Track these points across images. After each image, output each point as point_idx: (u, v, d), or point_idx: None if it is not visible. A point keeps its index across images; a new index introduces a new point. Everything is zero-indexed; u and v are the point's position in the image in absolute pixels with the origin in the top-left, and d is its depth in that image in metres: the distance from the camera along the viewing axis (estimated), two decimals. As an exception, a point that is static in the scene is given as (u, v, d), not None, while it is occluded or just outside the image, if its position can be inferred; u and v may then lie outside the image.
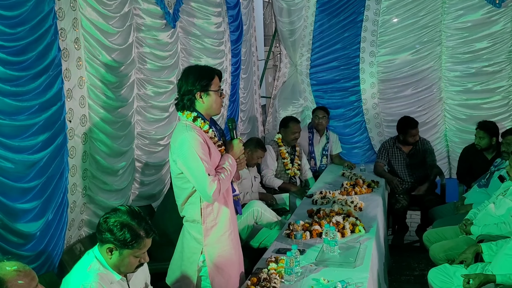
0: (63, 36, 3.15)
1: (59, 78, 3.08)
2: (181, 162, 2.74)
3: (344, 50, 6.67)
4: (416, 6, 6.27)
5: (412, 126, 5.57)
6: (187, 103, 2.82)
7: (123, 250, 2.28)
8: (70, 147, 3.26)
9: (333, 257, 3.22)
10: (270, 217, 4.25)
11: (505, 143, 4.58)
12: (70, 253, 3.25)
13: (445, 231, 4.29)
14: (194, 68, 2.92)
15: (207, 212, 2.85)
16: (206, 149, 2.74)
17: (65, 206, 3.22)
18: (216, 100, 2.86)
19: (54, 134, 3.04)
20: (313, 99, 6.92)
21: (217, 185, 2.69)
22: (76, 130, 3.33)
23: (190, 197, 2.84)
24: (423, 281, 3.77)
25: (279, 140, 5.58)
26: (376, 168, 5.76)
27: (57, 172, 3.09)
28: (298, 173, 5.60)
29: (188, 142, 2.71)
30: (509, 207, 3.77)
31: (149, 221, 2.37)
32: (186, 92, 2.81)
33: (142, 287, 2.53)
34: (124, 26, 3.76)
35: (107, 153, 3.65)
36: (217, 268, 2.89)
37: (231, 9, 5.74)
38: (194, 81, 2.79)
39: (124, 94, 3.84)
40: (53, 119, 3.03)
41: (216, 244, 2.89)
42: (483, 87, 6.20)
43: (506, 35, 5.98)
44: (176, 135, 2.82)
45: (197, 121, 2.81)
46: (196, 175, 2.70)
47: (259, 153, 4.95)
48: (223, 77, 5.48)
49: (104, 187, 3.66)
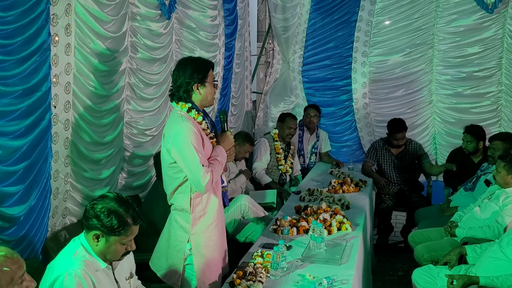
0: (54, 22, 3.11)
1: (47, 63, 3.04)
2: (175, 152, 2.76)
3: (337, 49, 6.70)
4: (410, 9, 6.31)
5: (398, 130, 5.58)
6: (184, 94, 2.85)
7: (109, 237, 2.26)
8: (54, 133, 3.23)
9: (319, 254, 3.23)
10: (257, 212, 4.24)
11: (492, 148, 4.62)
12: (55, 240, 3.22)
13: (430, 232, 4.32)
14: (191, 60, 2.95)
15: (196, 202, 2.88)
16: (200, 140, 2.78)
17: (48, 192, 3.19)
18: (211, 91, 2.92)
19: (38, 119, 3.00)
20: (305, 97, 6.94)
21: (210, 176, 2.73)
22: (60, 116, 3.29)
23: (180, 186, 2.87)
24: (406, 281, 3.80)
25: (275, 135, 5.58)
26: (364, 167, 5.78)
27: (41, 158, 3.05)
28: (290, 171, 5.61)
29: (183, 132, 2.73)
30: (494, 211, 3.81)
31: (137, 209, 2.36)
32: (184, 83, 2.84)
33: (127, 276, 2.51)
34: (119, 15, 3.72)
35: (89, 141, 3.61)
36: (203, 257, 2.93)
37: (227, 3, 5.72)
38: (192, 73, 2.82)
39: (113, 83, 3.80)
40: (37, 104, 2.99)
41: (203, 233, 2.92)
42: (473, 92, 6.25)
43: (497, 42, 6.02)
44: (171, 125, 2.83)
45: (192, 112, 2.84)
46: (190, 165, 2.73)
47: (247, 147, 4.96)
48: (216, 71, 5.47)
49: (86, 175, 3.62)
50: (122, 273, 2.46)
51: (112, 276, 2.38)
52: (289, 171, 5.59)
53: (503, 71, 6.07)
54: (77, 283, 2.14)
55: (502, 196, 3.82)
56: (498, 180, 3.89)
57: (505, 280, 3.02)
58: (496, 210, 3.80)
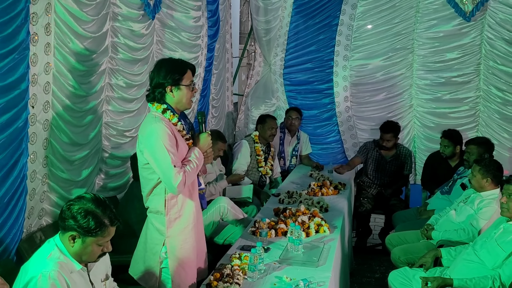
0: (34, 21, 3.07)
1: (25, 62, 3.00)
2: (147, 153, 2.75)
3: (318, 53, 6.75)
4: (390, 14, 6.39)
5: (386, 130, 5.66)
6: (158, 95, 2.83)
7: (86, 237, 2.25)
8: (31, 133, 3.18)
9: (297, 256, 3.24)
10: (236, 214, 4.25)
11: (467, 152, 4.69)
12: (30, 242, 3.18)
13: (407, 235, 4.37)
14: (167, 61, 2.92)
15: (171, 204, 2.86)
16: (173, 141, 2.76)
17: (24, 192, 3.14)
18: (186, 94, 2.87)
19: (13, 118, 2.94)
20: (286, 99, 6.98)
21: (182, 177, 2.71)
22: (39, 116, 3.25)
23: (155, 188, 2.85)
24: (384, 283, 3.83)
25: (256, 137, 5.58)
26: (353, 160, 5.96)
27: (13, 157, 2.99)
28: (270, 173, 5.62)
29: (156, 133, 2.72)
30: (469, 214, 3.88)
31: (114, 210, 2.35)
32: (157, 85, 2.82)
33: (103, 277, 2.50)
34: (100, 15, 3.70)
35: (67, 141, 3.57)
36: (178, 260, 2.90)
37: (211, 4, 5.71)
38: (165, 74, 2.80)
39: (92, 83, 3.76)
40: (13, 103, 2.93)
41: (178, 236, 2.90)
42: (452, 97, 6.35)
43: (475, 48, 6.13)
44: (144, 126, 2.83)
45: (166, 113, 2.82)
46: (162, 166, 2.71)
47: (220, 145, 4.92)
48: (197, 72, 5.45)
49: (64, 176, 3.58)
50: (97, 274, 2.45)
51: (87, 278, 2.36)
52: (269, 173, 5.61)
53: (481, 77, 6.19)
54: (51, 285, 2.13)
55: (477, 200, 3.88)
56: (473, 184, 3.95)
57: (478, 282, 3.07)
58: (471, 214, 3.87)
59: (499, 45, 5.94)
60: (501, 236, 3.22)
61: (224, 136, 5.15)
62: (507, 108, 6.04)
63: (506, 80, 5.97)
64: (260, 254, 2.99)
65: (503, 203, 3.32)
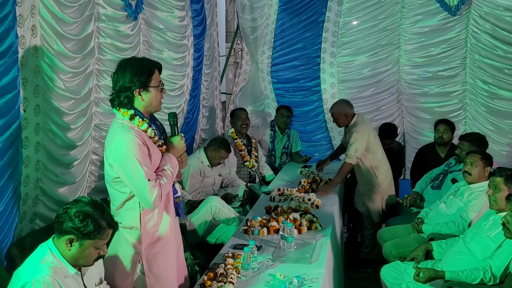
0: (21, 23, 3.04)
1: (15, 66, 2.96)
2: (117, 167, 2.51)
3: (305, 50, 6.77)
4: (376, 10, 6.43)
5: (388, 136, 5.68)
6: (124, 100, 2.56)
7: (84, 241, 2.24)
8: (24, 138, 3.15)
9: (290, 253, 3.26)
10: (228, 213, 4.25)
11: (459, 147, 4.70)
12: (20, 247, 3.14)
13: (398, 229, 4.40)
14: (132, 61, 2.64)
15: (146, 219, 2.64)
16: (145, 152, 2.52)
17: (18, 198, 3.11)
18: (156, 96, 2.62)
19: (7, 123, 2.92)
20: (274, 97, 6.98)
21: (158, 191, 2.50)
22: (30, 120, 3.22)
23: (127, 202, 2.63)
24: (376, 277, 3.86)
25: (233, 133, 5.63)
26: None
27: (12, 163, 2.97)
28: (256, 165, 5.62)
29: (125, 145, 2.47)
30: (459, 207, 3.91)
31: (110, 212, 2.36)
32: (123, 88, 2.55)
33: (97, 282, 2.48)
34: (83, 16, 3.65)
35: (59, 144, 3.54)
36: (157, 277, 2.70)
37: (195, 3, 5.69)
38: (132, 77, 2.54)
39: (80, 85, 3.72)
40: (7, 107, 2.91)
41: (155, 251, 2.69)
42: (439, 91, 6.40)
43: (461, 42, 6.19)
44: (111, 137, 2.57)
45: (135, 120, 2.56)
46: (134, 181, 2.48)
47: (222, 154, 4.83)
48: (185, 72, 5.44)
49: (56, 180, 3.56)
50: (91, 279, 2.43)
51: (81, 282, 2.35)
52: (255, 165, 5.61)
53: (467, 71, 6.25)
54: (45, 290, 2.11)
55: (467, 193, 3.92)
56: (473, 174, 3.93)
57: (469, 274, 3.11)
58: (461, 206, 3.90)
59: (484, 38, 6.00)
60: (491, 227, 3.26)
61: (229, 144, 4.97)
62: (493, 101, 6.10)
63: (491, 73, 6.03)
64: (253, 253, 2.99)
65: (490, 196, 3.36)
